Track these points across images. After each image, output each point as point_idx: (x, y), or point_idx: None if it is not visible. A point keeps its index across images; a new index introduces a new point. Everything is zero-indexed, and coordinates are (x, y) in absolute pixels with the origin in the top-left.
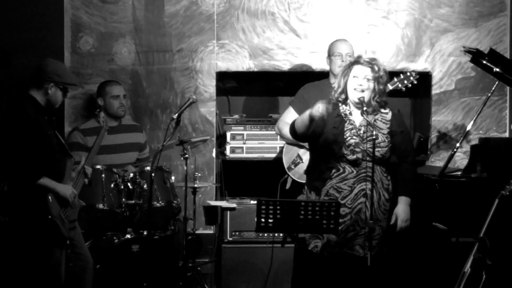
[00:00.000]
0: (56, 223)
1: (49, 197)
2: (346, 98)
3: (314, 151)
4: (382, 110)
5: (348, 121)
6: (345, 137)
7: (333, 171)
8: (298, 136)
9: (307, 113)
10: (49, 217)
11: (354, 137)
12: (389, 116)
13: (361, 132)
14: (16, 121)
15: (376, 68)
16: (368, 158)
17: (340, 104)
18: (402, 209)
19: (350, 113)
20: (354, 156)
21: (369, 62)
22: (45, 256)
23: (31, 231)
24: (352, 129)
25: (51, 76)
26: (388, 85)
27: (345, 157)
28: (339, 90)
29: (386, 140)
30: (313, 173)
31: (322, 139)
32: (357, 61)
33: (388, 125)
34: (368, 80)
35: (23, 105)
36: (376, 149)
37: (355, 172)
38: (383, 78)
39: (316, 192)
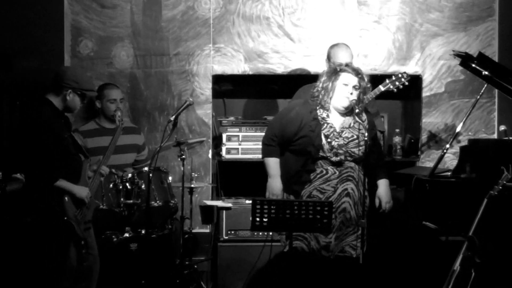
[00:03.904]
0: (72, 224)
1: (65, 199)
2: (330, 101)
3: (289, 155)
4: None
5: (326, 124)
6: (323, 140)
7: (316, 173)
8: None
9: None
10: (65, 218)
11: (336, 139)
12: (363, 117)
13: (345, 134)
14: (33, 125)
15: (365, 79)
16: (349, 159)
17: (317, 108)
18: (383, 191)
19: (328, 116)
20: (338, 158)
21: (358, 72)
22: (58, 257)
23: (47, 232)
24: (333, 131)
25: (69, 82)
26: (380, 86)
27: (328, 159)
28: (327, 94)
29: (365, 139)
30: (290, 177)
31: (298, 143)
32: (346, 69)
33: (364, 125)
34: (357, 89)
35: (40, 109)
36: (357, 148)
37: (337, 172)
38: (368, 89)
39: (295, 195)
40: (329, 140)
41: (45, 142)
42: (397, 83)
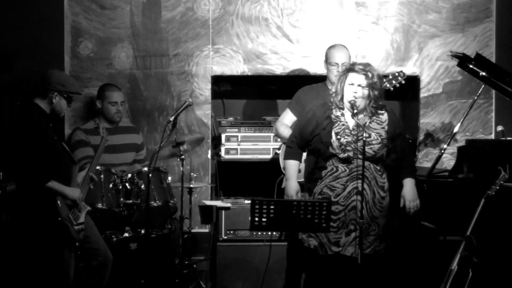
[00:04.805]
0: (66, 225)
1: (58, 200)
2: (342, 102)
3: (309, 156)
4: (379, 112)
5: (339, 123)
6: (332, 137)
7: (327, 170)
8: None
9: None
10: (59, 219)
11: (346, 136)
12: (384, 117)
13: (355, 132)
14: (23, 127)
15: (370, 75)
16: (359, 156)
17: (333, 107)
18: (408, 190)
19: (342, 114)
20: (345, 154)
21: (363, 69)
22: (55, 257)
23: (41, 233)
24: (345, 129)
25: (55, 86)
26: None
27: (336, 156)
28: (338, 96)
29: (379, 138)
30: (306, 175)
31: (313, 142)
32: (352, 68)
33: (382, 126)
34: (363, 87)
35: (29, 112)
36: (369, 147)
37: (347, 170)
38: (377, 84)
39: (309, 193)
40: (338, 137)
41: (39, 143)
42: (394, 81)
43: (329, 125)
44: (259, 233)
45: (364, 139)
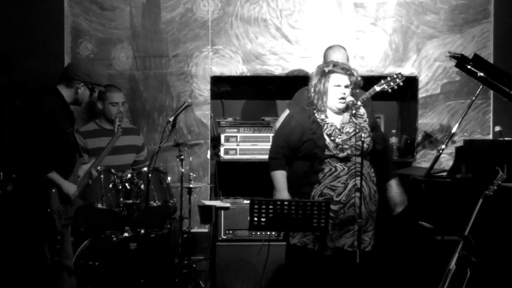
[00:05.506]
0: (53, 217)
1: (52, 190)
2: (326, 104)
3: (297, 162)
4: (356, 106)
5: (326, 125)
6: (326, 139)
7: (324, 172)
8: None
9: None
10: (48, 210)
11: (339, 136)
12: (362, 110)
13: (346, 129)
14: (39, 112)
15: (355, 74)
16: (356, 153)
17: (315, 112)
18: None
19: (326, 116)
20: (345, 153)
21: (346, 69)
22: (37, 247)
23: (28, 221)
24: (334, 129)
25: (82, 76)
26: (375, 86)
27: (335, 156)
28: (321, 98)
29: (367, 132)
30: (298, 181)
31: (304, 148)
32: (334, 70)
33: (363, 118)
34: (349, 87)
35: (49, 98)
36: (363, 140)
37: (346, 168)
38: (359, 82)
39: (304, 197)
40: (332, 138)
41: (47, 132)
42: (391, 83)
43: (318, 129)
44: (258, 233)
45: (363, 139)
